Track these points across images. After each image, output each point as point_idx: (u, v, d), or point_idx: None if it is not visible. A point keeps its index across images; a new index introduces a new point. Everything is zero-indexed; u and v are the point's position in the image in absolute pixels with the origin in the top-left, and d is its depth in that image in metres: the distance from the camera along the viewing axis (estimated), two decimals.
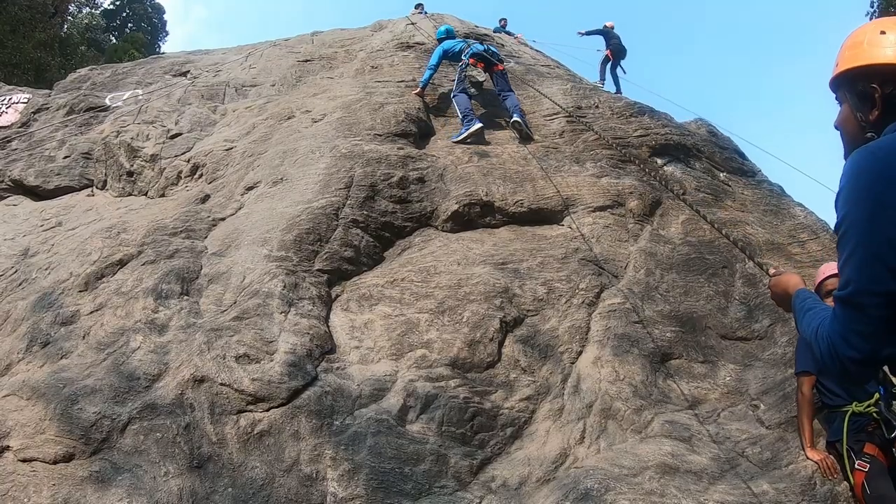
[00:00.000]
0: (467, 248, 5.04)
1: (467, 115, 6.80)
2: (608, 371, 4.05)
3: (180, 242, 5.13)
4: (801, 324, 1.62)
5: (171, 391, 3.63)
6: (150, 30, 36.86)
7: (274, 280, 4.38)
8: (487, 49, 7.73)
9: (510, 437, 3.72)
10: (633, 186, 5.79)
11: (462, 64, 7.52)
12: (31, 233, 6.60)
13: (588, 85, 9.33)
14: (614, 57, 13.80)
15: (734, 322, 4.64)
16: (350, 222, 5.09)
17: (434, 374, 3.86)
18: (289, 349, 3.86)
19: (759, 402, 3.97)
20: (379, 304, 4.43)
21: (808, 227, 5.92)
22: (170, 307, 4.36)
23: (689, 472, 3.33)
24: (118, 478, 3.23)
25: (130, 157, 7.64)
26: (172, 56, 12.37)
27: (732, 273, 5.05)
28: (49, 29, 23.70)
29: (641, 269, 4.94)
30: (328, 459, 3.35)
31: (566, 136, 6.87)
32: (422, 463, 3.43)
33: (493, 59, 7.59)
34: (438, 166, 6.01)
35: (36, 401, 3.66)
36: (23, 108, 10.01)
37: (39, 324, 4.46)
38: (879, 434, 3.19)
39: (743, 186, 6.58)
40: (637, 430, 3.74)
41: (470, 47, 7.65)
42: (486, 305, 4.31)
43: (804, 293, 1.74)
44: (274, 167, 6.14)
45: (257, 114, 7.96)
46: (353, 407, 3.65)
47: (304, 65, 10.04)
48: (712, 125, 7.84)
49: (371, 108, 6.94)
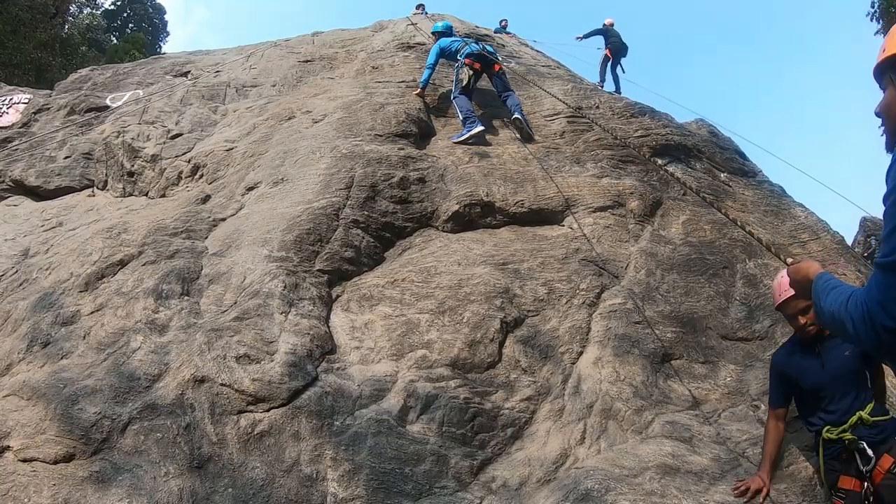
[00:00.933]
0: (468, 249, 5.04)
1: (469, 118, 6.79)
2: (609, 371, 4.05)
3: (181, 243, 5.14)
4: (825, 301, 1.61)
5: (172, 391, 3.63)
6: (150, 30, 36.90)
7: (274, 280, 4.38)
8: (484, 48, 7.69)
9: (510, 437, 3.72)
10: (633, 187, 5.78)
11: (458, 64, 7.50)
12: (31, 233, 6.60)
13: (588, 85, 9.32)
14: (614, 56, 13.71)
15: (735, 322, 4.64)
16: (351, 223, 5.09)
17: (434, 374, 3.86)
18: (289, 349, 3.86)
19: (760, 402, 3.97)
20: (379, 305, 4.43)
21: (808, 227, 5.91)
22: (170, 307, 4.36)
23: (690, 472, 3.33)
24: (118, 478, 3.23)
25: (131, 158, 7.64)
26: (173, 56, 12.36)
27: (733, 273, 5.05)
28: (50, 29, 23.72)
29: (642, 270, 4.93)
30: (328, 460, 3.35)
31: (567, 136, 6.87)
32: (422, 463, 3.43)
33: (490, 58, 7.56)
34: (439, 167, 6.01)
35: (36, 401, 3.66)
36: (24, 108, 10.01)
37: (40, 324, 4.46)
38: (855, 466, 2.88)
39: (744, 187, 6.58)
40: (638, 430, 3.73)
41: (467, 46, 7.61)
42: (486, 306, 4.31)
43: (826, 276, 1.75)
44: (274, 167, 6.14)
45: (258, 114, 7.96)
46: (353, 407, 3.65)
47: (305, 65, 10.04)
48: (713, 125, 7.85)
49: (372, 108, 6.94)
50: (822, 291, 1.66)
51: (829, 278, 1.71)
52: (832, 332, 1.61)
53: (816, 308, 1.69)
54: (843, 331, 1.47)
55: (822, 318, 1.64)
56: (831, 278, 1.71)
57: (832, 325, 1.56)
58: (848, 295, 1.48)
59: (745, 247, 5.30)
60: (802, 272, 1.90)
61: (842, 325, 1.46)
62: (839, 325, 1.48)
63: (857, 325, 1.40)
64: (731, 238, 5.38)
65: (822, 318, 1.64)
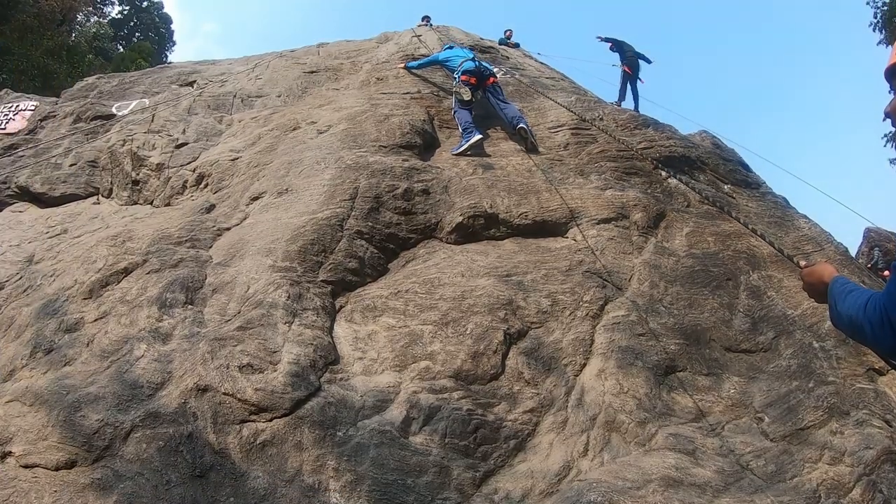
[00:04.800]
0: (471, 260, 5.05)
1: (467, 129, 6.84)
2: (612, 383, 4.04)
3: (185, 252, 5.15)
4: (842, 305, 1.59)
5: (174, 400, 3.63)
6: (157, 39, 37.17)
7: (278, 290, 4.39)
8: (480, 65, 7.81)
9: (513, 449, 3.70)
10: (637, 199, 5.79)
11: (456, 81, 7.61)
12: (36, 239, 6.63)
13: (592, 98, 9.36)
14: (632, 71, 13.53)
15: (738, 334, 4.63)
16: (355, 233, 5.11)
17: (437, 385, 3.86)
18: (292, 359, 3.86)
19: (764, 414, 3.96)
20: (383, 316, 4.43)
21: (812, 238, 5.92)
22: (174, 316, 4.37)
23: (693, 485, 3.31)
24: (120, 485, 3.22)
25: (136, 166, 7.68)
26: (179, 66, 12.44)
27: (737, 285, 5.04)
28: (57, 37, 23.94)
29: (646, 282, 4.93)
30: (331, 470, 3.34)
31: (570, 148, 6.89)
32: (424, 475, 3.42)
33: (486, 73, 7.69)
34: (443, 178, 6.03)
35: (39, 407, 3.67)
36: (30, 115, 10.08)
37: (43, 330, 4.48)
38: None
39: (747, 198, 6.58)
40: (641, 442, 3.72)
41: (462, 64, 7.73)
42: (489, 317, 4.31)
43: (842, 279, 1.73)
44: (279, 178, 6.16)
45: (263, 124, 8.01)
46: (356, 418, 3.64)
47: (310, 76, 10.11)
48: (717, 137, 7.86)
49: (376, 119, 6.97)
50: (839, 295, 1.64)
51: (845, 282, 1.70)
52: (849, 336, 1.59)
53: (833, 311, 1.67)
54: (861, 334, 1.46)
55: (840, 321, 1.61)
56: (847, 282, 1.69)
57: (850, 328, 1.54)
58: (867, 298, 1.46)
59: (749, 258, 5.30)
60: (817, 275, 1.88)
61: (860, 329, 1.45)
62: (857, 328, 1.46)
63: (875, 328, 1.39)
64: (734, 250, 5.39)
65: (840, 321, 1.61)
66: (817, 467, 3.53)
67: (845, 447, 3.63)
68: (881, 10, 21.12)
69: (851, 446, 3.62)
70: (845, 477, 3.44)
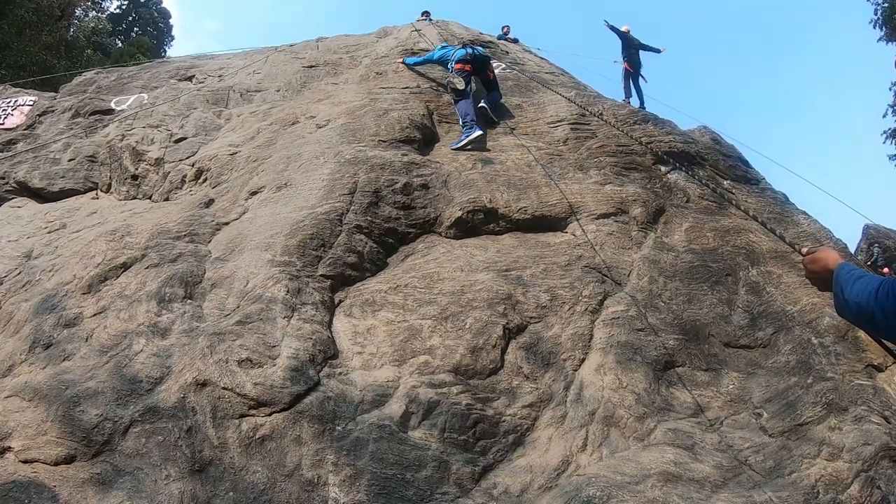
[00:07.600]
0: (471, 255, 5.04)
1: (468, 123, 6.82)
2: (611, 379, 4.04)
3: (184, 246, 5.14)
4: (850, 291, 1.53)
5: (174, 394, 3.63)
6: (155, 34, 37.09)
7: (277, 285, 4.38)
8: (474, 51, 7.82)
9: (512, 444, 3.71)
10: (636, 194, 5.79)
11: (451, 71, 7.64)
12: (35, 234, 6.62)
13: (592, 93, 9.33)
14: (634, 68, 13.44)
15: (737, 330, 4.63)
16: (354, 228, 5.10)
17: (436, 380, 3.86)
18: (291, 354, 3.85)
19: (763, 410, 3.96)
20: (382, 310, 4.43)
21: (811, 234, 5.92)
22: (173, 311, 4.37)
23: (692, 480, 3.32)
24: (119, 480, 3.23)
25: (135, 161, 7.67)
26: (178, 60, 12.41)
27: (736, 281, 5.04)
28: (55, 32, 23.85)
29: (645, 277, 4.93)
30: (330, 465, 3.34)
31: (570, 143, 6.88)
32: (423, 469, 3.42)
33: (479, 58, 7.75)
34: (442, 173, 6.02)
35: (38, 402, 3.67)
36: (28, 110, 10.06)
37: (42, 325, 4.47)
38: None
39: (747, 194, 6.58)
40: (639, 437, 3.72)
41: (455, 54, 7.75)
42: (489, 312, 4.31)
43: (848, 265, 1.66)
44: (278, 172, 6.15)
45: (262, 119, 7.99)
46: (355, 412, 3.64)
47: (309, 70, 10.08)
48: (716, 133, 7.85)
49: (375, 114, 6.96)
50: (846, 281, 1.57)
51: (851, 268, 1.63)
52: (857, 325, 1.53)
53: (839, 299, 1.60)
54: (872, 322, 1.40)
55: (846, 309, 1.55)
56: (854, 268, 1.62)
57: (858, 316, 1.48)
58: (877, 284, 1.41)
59: (748, 254, 5.30)
60: (821, 262, 1.79)
61: (870, 317, 1.40)
62: (867, 316, 1.41)
63: (888, 315, 1.34)
64: (733, 245, 5.38)
65: (846, 309, 1.55)
66: (815, 463, 3.53)
67: (844, 443, 3.63)
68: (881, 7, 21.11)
69: (850, 442, 3.63)
70: (843, 473, 3.44)
